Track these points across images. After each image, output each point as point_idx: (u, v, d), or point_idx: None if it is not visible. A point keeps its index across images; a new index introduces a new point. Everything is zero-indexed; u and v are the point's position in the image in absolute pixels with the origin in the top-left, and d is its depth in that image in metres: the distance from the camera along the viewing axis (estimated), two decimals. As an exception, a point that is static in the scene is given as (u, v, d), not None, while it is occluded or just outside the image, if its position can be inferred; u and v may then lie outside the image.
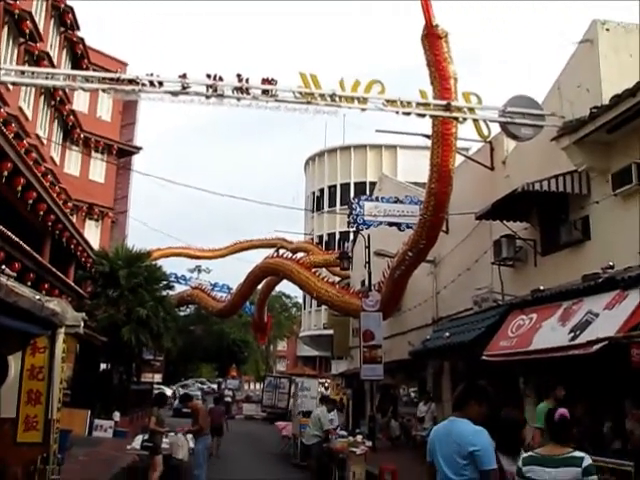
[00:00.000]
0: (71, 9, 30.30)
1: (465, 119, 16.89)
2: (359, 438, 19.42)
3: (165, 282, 32.33)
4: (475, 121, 16.65)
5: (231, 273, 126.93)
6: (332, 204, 57.48)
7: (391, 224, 25.64)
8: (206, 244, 58.10)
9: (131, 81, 14.95)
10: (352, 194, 50.53)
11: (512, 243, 18.79)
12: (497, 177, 20.54)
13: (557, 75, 17.51)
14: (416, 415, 24.84)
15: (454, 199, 20.93)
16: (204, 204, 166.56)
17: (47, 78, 15.22)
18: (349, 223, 26.48)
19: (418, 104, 16.44)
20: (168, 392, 47.68)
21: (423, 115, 16.51)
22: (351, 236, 44.31)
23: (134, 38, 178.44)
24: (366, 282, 29.07)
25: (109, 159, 36.65)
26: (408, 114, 16.26)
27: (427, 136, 19.75)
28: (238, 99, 15.35)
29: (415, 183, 31.55)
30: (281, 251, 42.45)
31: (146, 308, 28.46)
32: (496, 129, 17.44)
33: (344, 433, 20.63)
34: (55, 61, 28.30)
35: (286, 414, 37.58)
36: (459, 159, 21.17)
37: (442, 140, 19.02)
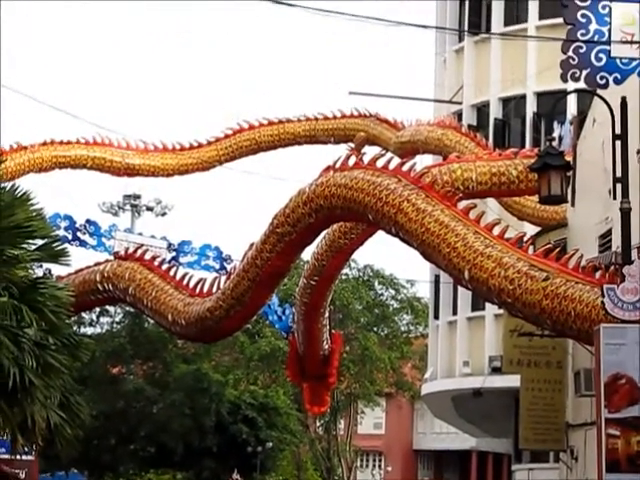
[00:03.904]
0: None
1: None
2: None
3: (41, 241, 11.84)
4: None
5: (224, 216, 60.22)
6: (516, 16, 23.36)
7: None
8: (156, 134, 27.94)
9: None
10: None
11: None
12: None
13: None
14: None
15: None
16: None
17: None
18: (566, 70, 11.58)
19: None
20: None
21: None
22: (570, 106, 20.17)
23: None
24: (614, 240, 13.29)
25: None
26: None
27: None
28: None
29: None
30: (369, 151, 18.21)
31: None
32: None
33: None
34: None
35: None
36: None
37: None
